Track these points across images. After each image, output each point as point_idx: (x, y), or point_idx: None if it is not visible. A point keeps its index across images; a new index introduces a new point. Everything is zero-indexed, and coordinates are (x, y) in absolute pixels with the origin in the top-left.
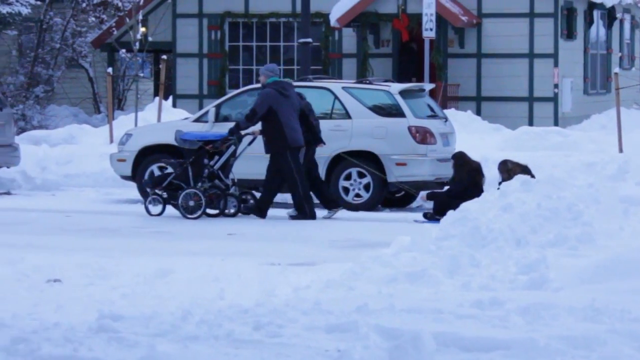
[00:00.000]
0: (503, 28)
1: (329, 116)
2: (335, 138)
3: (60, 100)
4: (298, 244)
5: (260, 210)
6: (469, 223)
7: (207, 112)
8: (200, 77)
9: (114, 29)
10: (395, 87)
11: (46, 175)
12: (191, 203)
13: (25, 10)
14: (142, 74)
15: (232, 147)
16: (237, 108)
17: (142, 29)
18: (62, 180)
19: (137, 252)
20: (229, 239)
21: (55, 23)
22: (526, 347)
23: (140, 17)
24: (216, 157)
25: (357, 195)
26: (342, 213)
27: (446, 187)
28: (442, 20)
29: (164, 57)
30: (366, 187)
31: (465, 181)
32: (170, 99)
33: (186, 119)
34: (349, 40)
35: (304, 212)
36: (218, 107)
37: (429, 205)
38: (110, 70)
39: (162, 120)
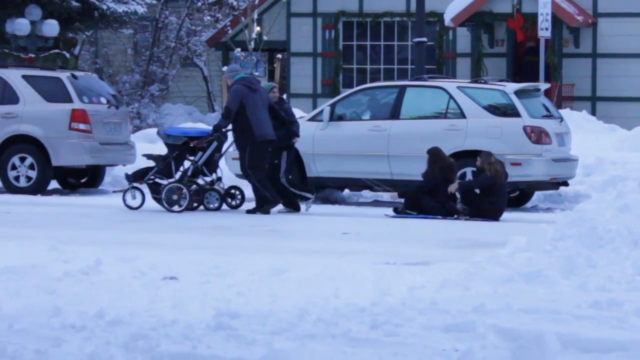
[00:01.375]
0: (619, 28)
1: (443, 115)
2: (450, 137)
3: (174, 98)
4: (412, 244)
5: (261, 207)
6: (585, 224)
7: (321, 111)
8: (314, 76)
9: (228, 28)
10: (511, 87)
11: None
12: (174, 197)
13: (141, 9)
14: (256, 73)
15: (215, 143)
16: (352, 107)
17: (257, 28)
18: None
19: (252, 251)
20: (343, 238)
21: (170, 22)
22: None
23: (255, 16)
24: (199, 153)
25: None
26: None
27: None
28: (557, 20)
29: (279, 56)
30: None
31: (437, 177)
32: (284, 97)
33: (301, 117)
34: (463, 39)
35: (262, 200)
36: (332, 106)
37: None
38: (225, 69)
39: None
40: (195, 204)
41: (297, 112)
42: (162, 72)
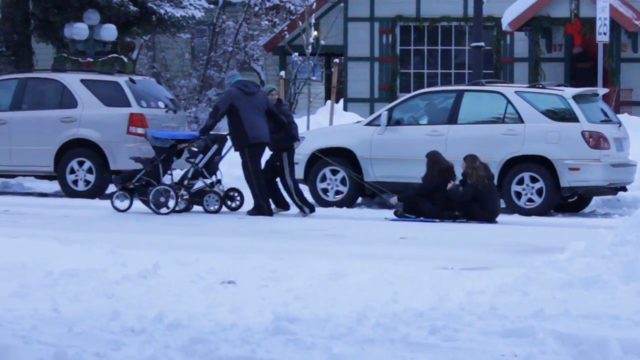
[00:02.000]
0: None
1: (501, 120)
2: (508, 142)
3: None
4: (470, 249)
5: (260, 208)
6: None
7: (379, 116)
8: (371, 81)
9: (286, 32)
10: (569, 92)
11: (222, 177)
12: (162, 199)
13: (198, 14)
14: (314, 78)
15: (215, 146)
16: (409, 112)
17: (314, 33)
18: (235, 182)
19: (310, 255)
20: (400, 243)
21: (227, 26)
22: None
23: (313, 20)
24: (200, 156)
25: (530, 200)
26: (515, 218)
27: None
28: (615, 25)
29: (337, 60)
30: (539, 192)
31: (435, 180)
32: (341, 102)
33: (358, 122)
34: (520, 44)
35: (260, 208)
36: (390, 110)
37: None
38: (282, 73)
39: (333, 124)
40: (189, 205)
41: (354, 117)
42: (219, 77)
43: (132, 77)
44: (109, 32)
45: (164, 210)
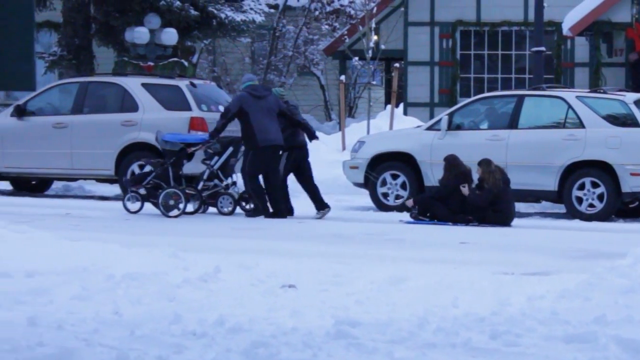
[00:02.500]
0: None
1: (562, 125)
2: (569, 147)
3: None
4: (530, 254)
5: (257, 210)
6: None
7: (439, 120)
8: (431, 85)
9: (346, 36)
10: (630, 97)
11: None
12: (171, 202)
13: (259, 18)
14: (374, 82)
15: (231, 148)
16: (470, 116)
17: (375, 37)
18: (295, 186)
19: (370, 259)
20: (460, 248)
21: (287, 31)
22: None
23: (373, 25)
24: (215, 158)
25: (591, 205)
26: (575, 223)
27: None
28: None
29: (397, 65)
30: (600, 197)
31: (451, 184)
32: (401, 106)
33: (418, 126)
34: (581, 49)
35: (257, 209)
36: (451, 115)
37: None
38: (342, 78)
39: (393, 128)
40: (203, 207)
41: (414, 121)
42: (279, 81)
43: (192, 81)
44: (170, 36)
45: (173, 212)
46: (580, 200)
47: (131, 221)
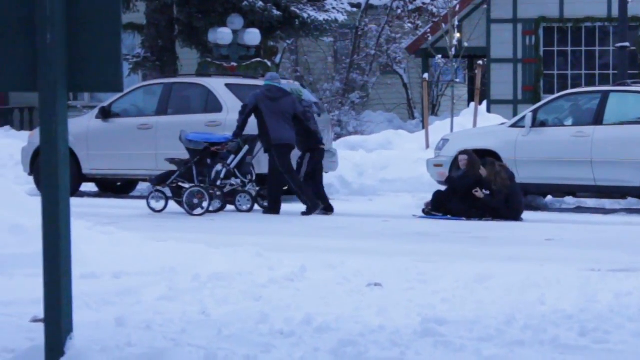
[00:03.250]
0: None
1: None
2: None
3: (375, 106)
4: (617, 250)
5: (270, 208)
6: None
7: (523, 117)
8: (514, 83)
9: (428, 34)
10: None
11: (363, 180)
12: (195, 201)
13: (341, 17)
14: (457, 80)
15: (247, 147)
16: (554, 113)
17: (457, 35)
18: (379, 185)
19: (455, 257)
20: (546, 245)
21: (370, 29)
22: None
23: (456, 22)
24: (232, 156)
25: None
26: None
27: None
28: None
29: (480, 62)
30: None
31: (471, 181)
32: (485, 104)
33: (502, 124)
34: None
35: (274, 208)
36: (535, 112)
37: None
38: (425, 76)
39: (477, 126)
40: (223, 205)
41: (498, 119)
42: (362, 80)
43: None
44: (253, 36)
45: (197, 211)
46: None
47: (216, 221)
